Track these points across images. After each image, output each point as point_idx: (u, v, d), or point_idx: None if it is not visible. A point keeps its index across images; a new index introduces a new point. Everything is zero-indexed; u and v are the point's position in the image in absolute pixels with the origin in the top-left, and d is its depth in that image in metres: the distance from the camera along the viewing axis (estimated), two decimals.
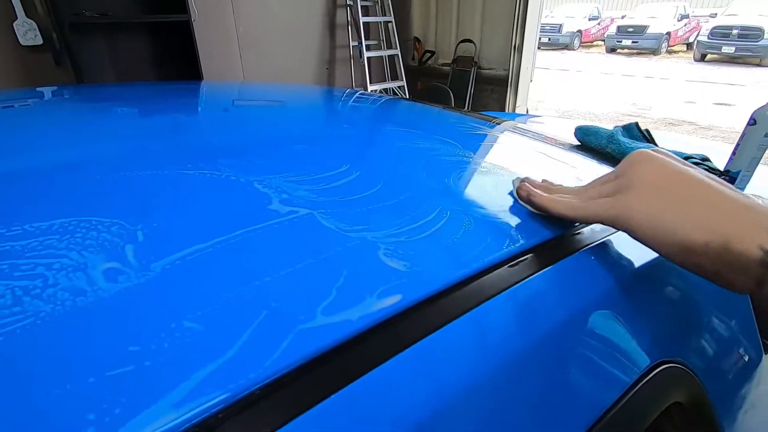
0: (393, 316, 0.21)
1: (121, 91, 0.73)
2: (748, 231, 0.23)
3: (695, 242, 0.24)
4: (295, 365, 0.18)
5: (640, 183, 0.27)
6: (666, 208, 0.25)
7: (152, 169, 0.33)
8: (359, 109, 0.71)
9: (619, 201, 0.27)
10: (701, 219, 0.24)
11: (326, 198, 0.31)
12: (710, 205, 0.24)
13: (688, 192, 0.25)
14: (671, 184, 0.26)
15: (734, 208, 0.24)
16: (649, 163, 0.27)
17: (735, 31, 9.15)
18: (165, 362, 0.17)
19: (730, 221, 0.23)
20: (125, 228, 0.25)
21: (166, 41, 2.62)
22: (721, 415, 0.32)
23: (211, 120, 0.55)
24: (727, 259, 0.23)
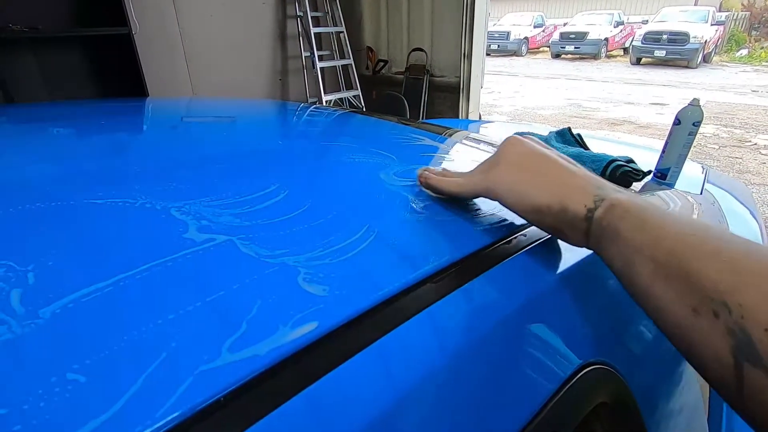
0: (307, 346, 0.21)
1: (39, 111, 0.68)
2: (577, 195, 0.29)
3: (542, 205, 0.30)
4: (191, 412, 0.17)
5: (504, 161, 0.33)
6: (522, 180, 0.31)
7: (57, 200, 0.31)
8: (296, 125, 0.70)
9: (490, 175, 0.33)
10: (547, 188, 0.30)
11: (249, 222, 0.30)
12: (553, 177, 0.30)
13: (539, 167, 0.31)
14: (527, 161, 0.32)
15: (570, 179, 0.30)
16: (513, 145, 0.33)
17: (665, 36, 9.91)
18: (36, 424, 0.15)
19: (566, 189, 0.29)
20: (13, 270, 0.23)
21: (106, 56, 2.50)
22: (647, 413, 0.34)
23: (136, 141, 0.52)
24: (564, 217, 0.29)
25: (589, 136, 0.75)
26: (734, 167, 3.75)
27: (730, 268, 0.20)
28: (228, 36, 3.17)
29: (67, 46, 2.42)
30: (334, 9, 3.55)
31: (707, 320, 0.20)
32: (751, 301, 0.18)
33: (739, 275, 0.19)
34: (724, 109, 5.85)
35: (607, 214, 0.27)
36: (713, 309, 0.19)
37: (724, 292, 0.19)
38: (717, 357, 0.19)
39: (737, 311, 0.19)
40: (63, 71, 2.43)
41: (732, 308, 0.19)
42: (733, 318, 0.19)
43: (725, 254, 0.20)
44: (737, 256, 0.20)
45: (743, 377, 0.18)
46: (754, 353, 0.18)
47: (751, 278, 0.19)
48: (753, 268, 0.19)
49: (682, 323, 0.21)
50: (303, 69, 3.60)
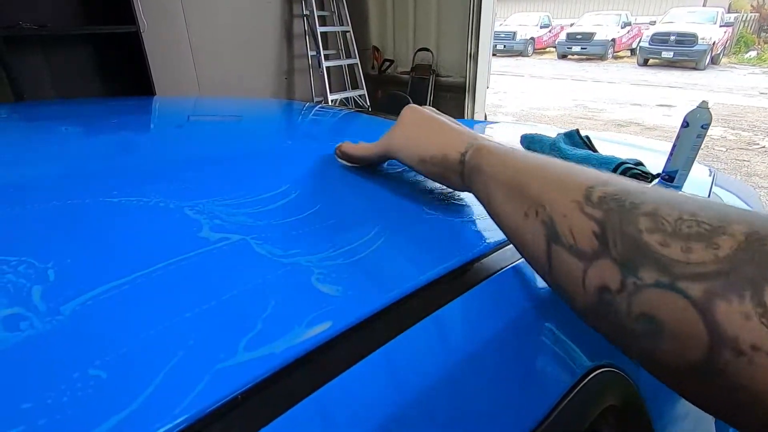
0: (321, 345, 0.21)
1: (53, 110, 0.69)
2: (455, 145, 0.34)
3: (427, 156, 0.36)
4: (209, 408, 0.17)
5: (399, 124, 0.39)
6: (412, 137, 0.38)
7: (73, 199, 0.31)
8: (304, 125, 0.70)
9: (387, 137, 0.40)
10: (432, 141, 0.36)
11: (262, 221, 0.30)
12: (437, 133, 0.36)
13: (427, 127, 0.37)
14: (417, 123, 0.38)
15: (450, 133, 0.36)
16: (408, 111, 0.40)
17: (672, 37, 9.83)
18: (61, 419, 0.15)
19: (446, 141, 0.35)
20: (34, 267, 0.23)
21: (114, 54, 2.51)
22: (655, 415, 0.34)
23: (147, 140, 0.52)
24: (445, 164, 0.34)
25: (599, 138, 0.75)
26: (742, 170, 3.72)
27: (546, 182, 0.26)
28: (234, 35, 3.18)
29: (76, 44, 2.44)
30: (341, 8, 3.56)
31: (531, 219, 0.26)
32: (555, 198, 0.25)
33: (549, 184, 0.26)
34: (732, 112, 5.80)
35: (474, 155, 0.32)
36: (535, 210, 0.26)
37: (540, 197, 0.26)
38: (536, 244, 0.25)
39: (548, 207, 0.25)
40: (71, 69, 2.45)
41: (546, 205, 0.25)
42: (546, 212, 0.25)
43: (546, 174, 0.27)
44: (552, 173, 0.26)
45: (551, 254, 0.24)
46: (557, 234, 0.24)
47: (554, 186, 0.25)
48: (558, 178, 0.26)
49: (517, 226, 0.27)
50: (309, 68, 3.61)
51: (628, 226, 0.21)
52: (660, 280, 0.19)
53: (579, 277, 0.23)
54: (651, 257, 0.19)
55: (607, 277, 0.21)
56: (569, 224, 0.23)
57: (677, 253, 0.19)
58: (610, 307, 0.21)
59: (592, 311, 0.23)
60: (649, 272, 0.19)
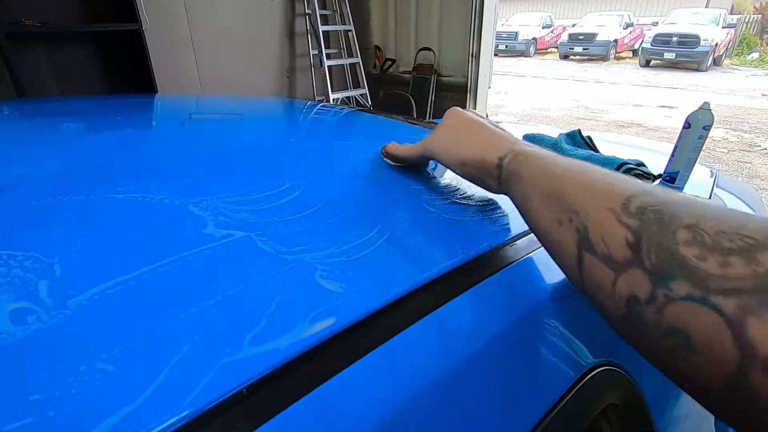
0: (325, 341, 0.21)
1: (56, 106, 0.69)
2: (494, 149, 0.34)
3: (466, 158, 0.36)
4: (215, 402, 0.17)
5: (441, 126, 0.40)
6: (453, 140, 0.38)
7: (79, 194, 0.32)
8: (306, 123, 0.71)
9: (429, 138, 0.40)
10: (472, 145, 0.36)
11: (266, 218, 0.30)
12: (478, 137, 0.36)
13: (467, 130, 0.38)
14: (459, 126, 0.38)
15: (490, 137, 0.36)
16: (450, 114, 0.40)
17: (674, 38, 9.82)
18: (69, 411, 0.16)
19: (486, 145, 0.35)
20: (40, 262, 0.23)
21: (116, 52, 2.51)
22: (656, 415, 0.34)
23: (151, 138, 0.53)
24: (483, 167, 0.35)
25: (600, 138, 0.75)
26: (743, 172, 3.72)
27: (582, 189, 0.26)
28: (237, 33, 3.18)
29: (79, 41, 2.44)
30: (343, 7, 3.56)
31: (565, 226, 0.26)
32: (590, 207, 0.25)
33: (585, 192, 0.26)
34: (734, 113, 5.80)
35: (513, 161, 0.32)
36: (569, 217, 0.26)
37: (575, 205, 0.26)
38: (568, 251, 0.26)
39: (583, 215, 0.25)
40: (74, 67, 2.45)
41: (580, 213, 0.25)
42: (579, 220, 0.25)
43: (585, 181, 0.26)
44: (590, 181, 0.26)
45: (582, 262, 0.24)
46: (589, 242, 0.24)
47: (590, 193, 0.25)
48: (595, 186, 0.26)
49: (551, 232, 0.27)
50: (311, 67, 3.61)
51: (665, 238, 0.20)
52: (692, 293, 0.18)
53: (609, 286, 0.22)
54: (685, 270, 0.19)
55: (637, 287, 0.20)
56: (602, 232, 0.23)
57: (713, 267, 0.18)
58: (639, 318, 0.20)
59: (622, 322, 0.22)
60: (681, 285, 0.19)
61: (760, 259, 0.17)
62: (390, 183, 0.41)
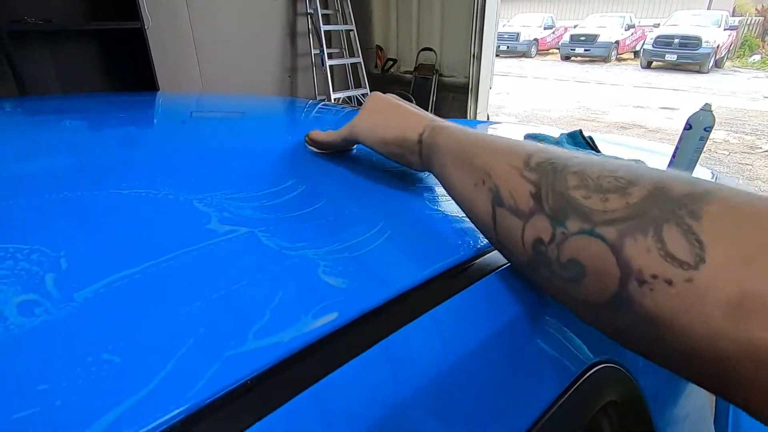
0: (327, 335, 0.21)
1: (59, 104, 0.69)
2: (414, 127, 0.37)
3: (388, 138, 0.38)
4: (219, 393, 0.17)
5: (363, 109, 0.42)
6: (376, 122, 0.40)
7: (84, 190, 0.32)
8: (307, 122, 0.71)
9: (352, 123, 0.42)
10: (393, 125, 0.38)
11: (269, 215, 0.31)
12: (399, 117, 0.39)
13: (389, 111, 0.40)
14: (381, 108, 0.41)
15: (410, 117, 0.38)
16: (371, 98, 0.42)
17: (676, 40, 9.82)
18: (76, 400, 0.16)
19: (406, 123, 0.37)
20: (46, 255, 0.23)
21: (118, 50, 2.52)
22: (656, 413, 0.34)
23: (155, 135, 0.53)
24: (405, 145, 0.37)
25: (601, 139, 0.75)
26: (744, 174, 3.72)
27: (491, 152, 0.29)
28: (238, 32, 3.19)
29: (81, 39, 2.45)
30: (345, 7, 3.56)
31: (480, 187, 0.28)
32: (498, 166, 0.27)
33: (496, 156, 0.28)
34: (735, 115, 5.79)
35: (431, 135, 0.35)
36: (483, 179, 0.28)
37: (488, 167, 0.28)
38: (484, 209, 0.28)
39: (493, 175, 0.27)
40: (76, 65, 2.46)
41: (491, 174, 0.28)
42: (492, 180, 0.27)
43: (492, 147, 0.29)
44: (497, 146, 0.29)
45: (496, 216, 0.27)
46: (500, 198, 0.27)
47: (498, 156, 0.28)
48: (501, 149, 0.28)
49: (468, 195, 0.30)
50: (312, 66, 3.62)
51: (559, 184, 0.23)
52: (583, 227, 0.21)
53: (519, 234, 0.25)
54: (576, 209, 0.22)
55: (541, 231, 0.24)
56: (509, 187, 0.26)
57: (597, 204, 0.21)
58: (543, 257, 0.24)
59: (530, 264, 0.25)
60: (574, 222, 0.22)
61: (630, 192, 0.20)
62: (390, 181, 0.41)
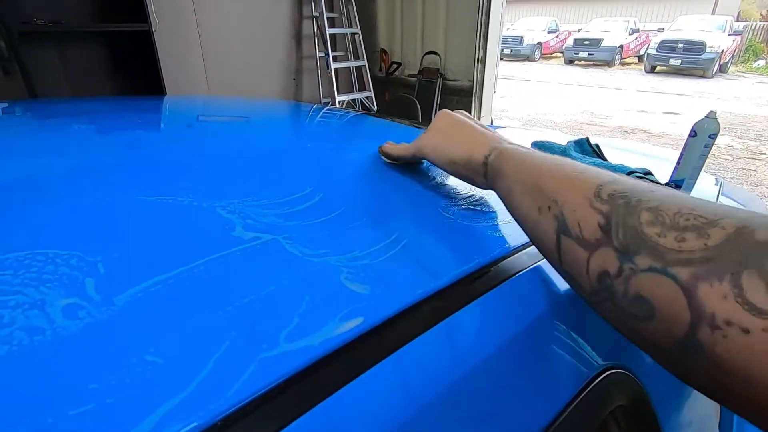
0: (354, 339, 0.22)
1: (77, 108, 0.71)
2: (480, 149, 0.37)
3: (455, 157, 0.39)
4: (257, 394, 0.18)
5: (432, 127, 0.43)
6: (443, 140, 0.41)
7: (110, 197, 0.33)
8: (317, 128, 0.72)
9: (422, 139, 0.43)
10: (460, 144, 0.39)
11: (291, 222, 0.32)
12: (466, 137, 0.39)
13: (457, 130, 0.41)
14: (449, 126, 0.42)
15: (478, 137, 0.39)
16: (441, 115, 0.44)
17: (680, 45, 9.81)
18: (125, 399, 0.17)
19: (473, 144, 0.38)
20: (84, 260, 0.25)
21: (125, 52, 2.54)
22: (662, 415, 0.35)
23: (173, 141, 0.54)
24: (471, 166, 0.38)
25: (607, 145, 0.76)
26: (748, 180, 3.71)
27: (559, 180, 0.29)
28: (244, 35, 3.21)
29: (89, 41, 2.47)
30: (350, 10, 3.58)
31: (544, 213, 0.28)
32: (566, 196, 0.27)
33: (562, 182, 0.28)
34: (739, 121, 5.79)
35: (497, 159, 0.35)
36: (548, 205, 0.28)
37: (553, 194, 0.28)
38: (548, 236, 0.28)
39: (560, 203, 0.27)
40: (84, 67, 2.48)
41: (558, 201, 0.27)
42: (558, 208, 0.27)
43: (560, 173, 0.29)
44: (566, 173, 0.29)
45: (560, 244, 0.27)
46: (566, 227, 0.26)
47: (567, 184, 0.28)
48: (570, 177, 0.28)
49: (532, 220, 0.30)
50: (317, 69, 3.64)
51: (631, 219, 0.23)
52: (653, 265, 0.21)
53: (584, 264, 0.25)
54: (647, 246, 0.22)
55: (607, 264, 0.23)
56: (577, 217, 0.26)
57: (671, 243, 0.21)
58: (609, 291, 0.23)
59: (595, 296, 0.25)
60: (644, 259, 0.21)
61: (710, 234, 0.20)
62: (404, 188, 0.42)
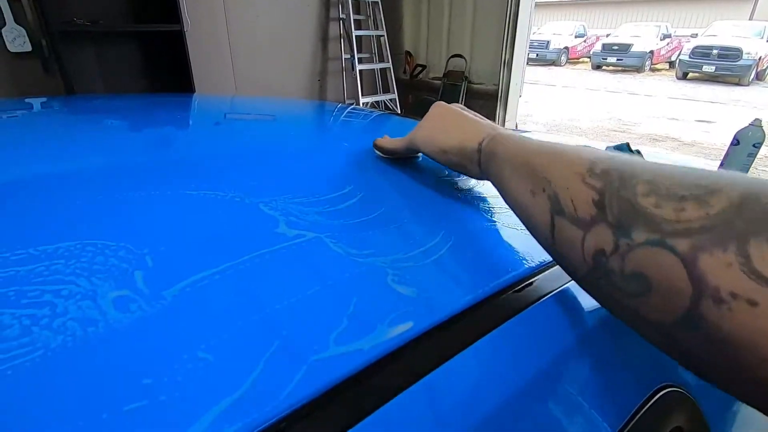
0: (405, 344, 0.21)
1: (118, 104, 0.72)
2: (473, 136, 0.37)
3: (447, 146, 0.39)
4: (310, 397, 0.18)
5: (425, 119, 0.43)
6: (435, 130, 0.41)
7: (155, 190, 0.33)
8: (354, 127, 0.72)
9: (414, 130, 0.43)
10: (452, 133, 0.39)
11: (333, 221, 0.31)
12: (458, 126, 0.39)
13: (449, 120, 0.40)
14: (442, 117, 0.41)
15: (470, 125, 0.38)
16: (434, 107, 0.43)
17: (715, 51, 9.48)
18: (180, 397, 0.17)
19: (466, 132, 0.38)
20: (133, 252, 0.24)
21: (158, 51, 2.61)
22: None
23: (212, 137, 0.54)
24: (464, 154, 0.37)
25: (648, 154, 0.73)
26: None
27: (551, 159, 0.27)
28: (272, 36, 3.26)
29: (124, 41, 2.55)
30: (377, 13, 3.60)
31: (538, 195, 0.27)
32: (558, 173, 0.26)
33: (556, 162, 0.27)
34: None
35: (490, 144, 0.35)
36: (541, 187, 0.27)
37: (546, 174, 0.27)
38: (542, 218, 0.27)
39: (552, 182, 0.26)
40: (119, 65, 2.56)
41: (551, 181, 0.26)
42: (551, 188, 0.26)
43: (553, 153, 0.28)
44: (558, 153, 0.27)
45: (554, 225, 0.26)
46: (559, 206, 0.25)
47: (559, 163, 0.27)
48: (563, 156, 0.27)
49: (525, 202, 0.29)
50: (342, 71, 3.66)
51: (625, 191, 0.21)
52: (650, 238, 0.19)
53: (579, 245, 0.24)
54: (643, 218, 0.20)
55: (603, 241, 0.22)
56: (570, 195, 0.25)
57: (669, 213, 0.19)
58: (604, 270, 0.22)
59: (590, 277, 0.24)
60: (640, 232, 0.20)
61: (710, 202, 0.18)
62: (447, 188, 0.41)
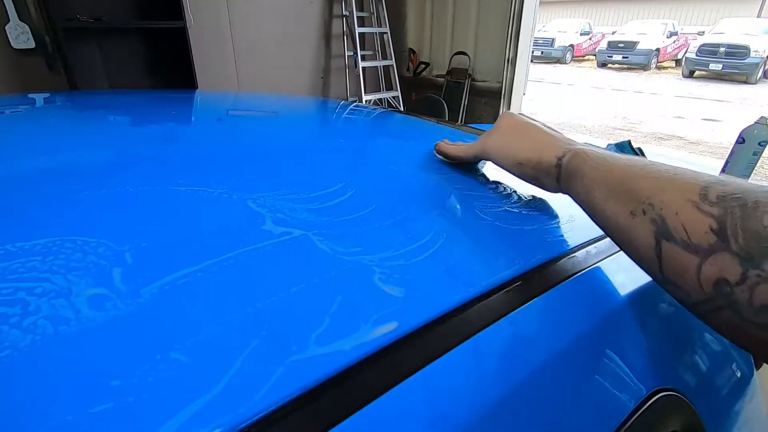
0: (388, 345, 0.21)
1: (112, 100, 0.72)
2: (551, 150, 0.36)
3: (523, 159, 0.38)
4: (285, 400, 0.17)
5: (497, 128, 0.42)
6: (509, 141, 0.40)
7: (141, 185, 0.33)
8: (353, 124, 0.71)
9: (485, 140, 0.42)
10: (528, 146, 0.38)
11: (321, 218, 0.30)
12: (534, 138, 0.38)
13: (523, 132, 0.39)
14: (514, 128, 0.40)
15: (546, 138, 0.37)
16: (505, 117, 0.42)
17: (722, 49, 9.37)
18: (148, 398, 0.16)
19: (542, 145, 0.37)
20: (112, 249, 0.24)
21: (161, 48, 2.61)
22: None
23: (205, 132, 0.54)
24: (541, 167, 0.36)
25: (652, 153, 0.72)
26: None
27: (654, 182, 0.27)
28: (275, 33, 3.25)
29: (127, 37, 2.55)
30: (380, 10, 3.57)
31: (639, 218, 0.26)
32: (666, 198, 0.25)
33: (660, 185, 0.26)
34: None
35: (572, 160, 0.33)
36: (643, 209, 0.26)
37: (650, 196, 0.26)
38: (645, 242, 0.26)
39: (658, 206, 0.25)
40: (122, 61, 2.56)
41: (655, 205, 0.26)
42: (655, 211, 0.26)
43: (652, 174, 0.27)
44: (660, 174, 0.27)
45: (661, 251, 0.25)
46: (668, 231, 0.25)
47: (665, 184, 0.26)
48: (668, 178, 0.26)
49: (624, 225, 0.28)
50: (345, 68, 3.65)
51: (752, 222, 0.21)
52: None
53: (693, 271, 0.23)
54: None
55: (726, 270, 0.21)
56: (682, 221, 0.24)
57: None
58: (726, 300, 0.22)
59: (707, 304, 0.23)
60: None
61: None
62: (439, 187, 0.41)
